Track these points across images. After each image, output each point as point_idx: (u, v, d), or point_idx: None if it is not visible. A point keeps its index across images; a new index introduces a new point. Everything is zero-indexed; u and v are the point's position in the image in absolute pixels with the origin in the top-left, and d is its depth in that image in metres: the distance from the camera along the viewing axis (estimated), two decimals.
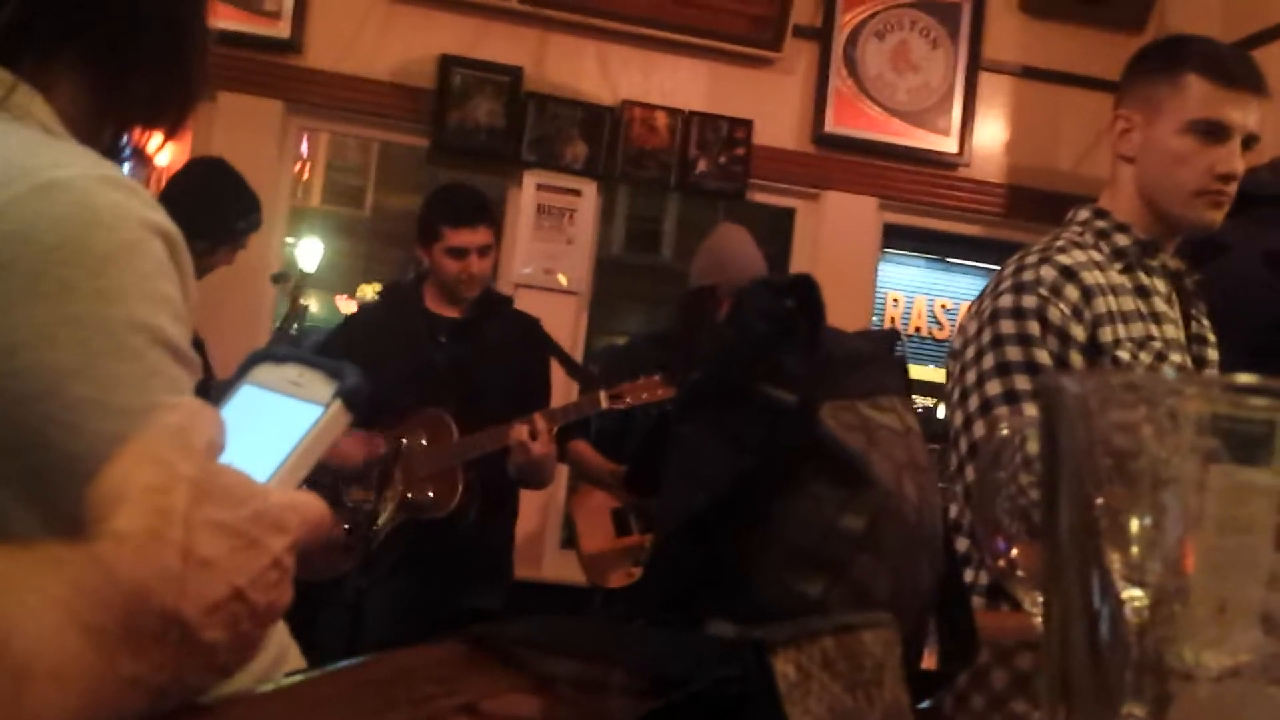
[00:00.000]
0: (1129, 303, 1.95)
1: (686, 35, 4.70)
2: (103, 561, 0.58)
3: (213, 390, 0.77)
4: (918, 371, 7.30)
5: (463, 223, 3.33)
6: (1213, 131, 1.96)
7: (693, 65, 4.80)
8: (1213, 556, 0.38)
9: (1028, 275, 1.93)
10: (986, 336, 1.92)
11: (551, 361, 3.54)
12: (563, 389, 3.68)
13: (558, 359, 3.53)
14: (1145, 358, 1.91)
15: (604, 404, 3.19)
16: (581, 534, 3.82)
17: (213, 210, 3.52)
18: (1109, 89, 4.90)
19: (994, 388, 1.88)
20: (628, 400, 3.18)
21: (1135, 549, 0.39)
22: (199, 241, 3.41)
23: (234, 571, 0.62)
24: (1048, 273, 1.92)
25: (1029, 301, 1.90)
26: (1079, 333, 1.89)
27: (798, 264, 4.93)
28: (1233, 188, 1.99)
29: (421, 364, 3.31)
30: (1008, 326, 1.90)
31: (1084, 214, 2.10)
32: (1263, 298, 3.34)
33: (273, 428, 0.72)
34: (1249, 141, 1.99)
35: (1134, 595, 0.38)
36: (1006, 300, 1.92)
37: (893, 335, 0.92)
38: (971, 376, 1.92)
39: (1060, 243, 2.00)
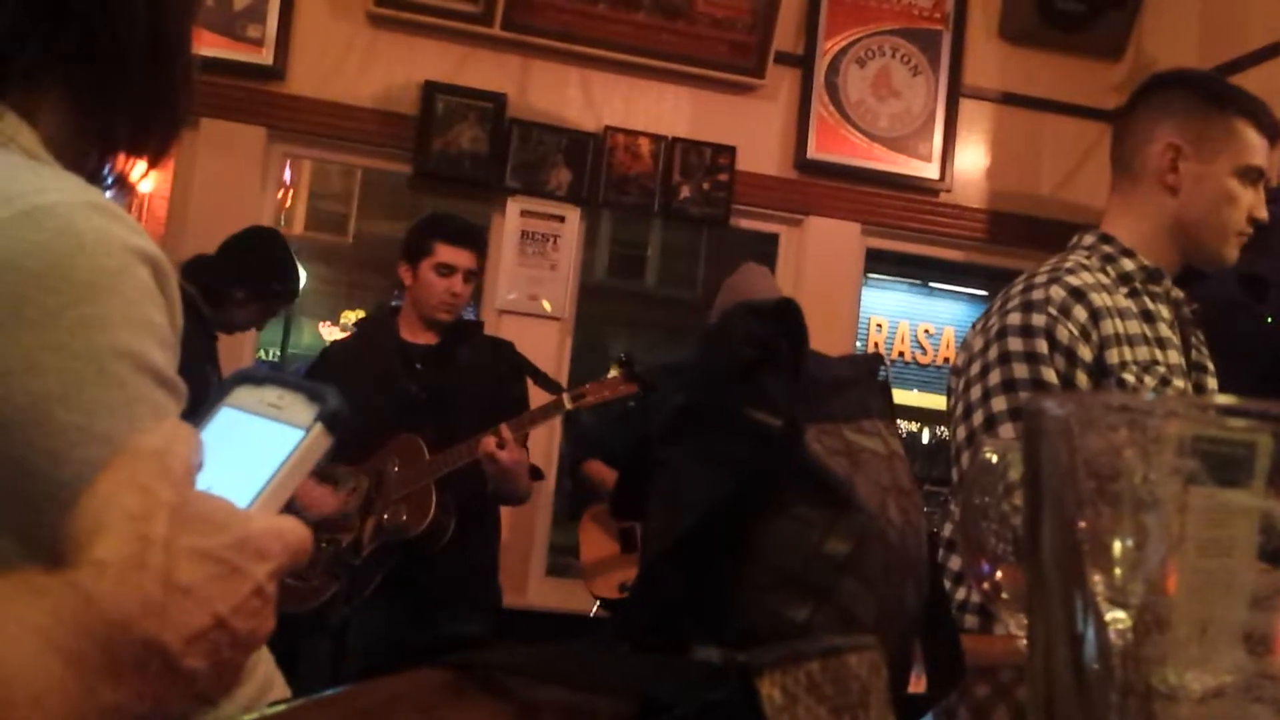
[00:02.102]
0: (1135, 326, 1.96)
1: (669, 62, 4.73)
2: (83, 590, 0.57)
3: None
4: (901, 396, 7.32)
5: (457, 241, 3.37)
6: (1257, 178, 2.02)
7: (676, 92, 4.82)
8: (1195, 578, 0.38)
9: (1037, 294, 1.93)
10: (993, 353, 1.92)
11: (529, 383, 3.54)
12: None
13: (530, 375, 3.54)
14: (1150, 381, 1.91)
15: (568, 405, 3.20)
16: (584, 543, 3.88)
17: (258, 265, 3.77)
18: (1088, 115, 4.96)
19: (999, 404, 1.88)
20: (590, 400, 3.19)
21: (1118, 571, 0.39)
22: (239, 290, 3.70)
23: (215, 599, 0.62)
24: (1057, 292, 1.92)
25: (1038, 320, 1.90)
26: (1086, 353, 1.89)
27: (781, 289, 4.94)
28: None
29: (398, 393, 3.32)
30: (1015, 344, 1.90)
31: (1089, 239, 2.10)
32: (1239, 320, 3.37)
33: (253, 451, 0.71)
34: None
35: (1117, 617, 0.39)
36: (1015, 318, 1.92)
37: (876, 359, 0.92)
38: (976, 392, 1.92)
39: (1068, 265, 2.00)
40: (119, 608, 0.58)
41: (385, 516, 3.18)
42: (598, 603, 4.03)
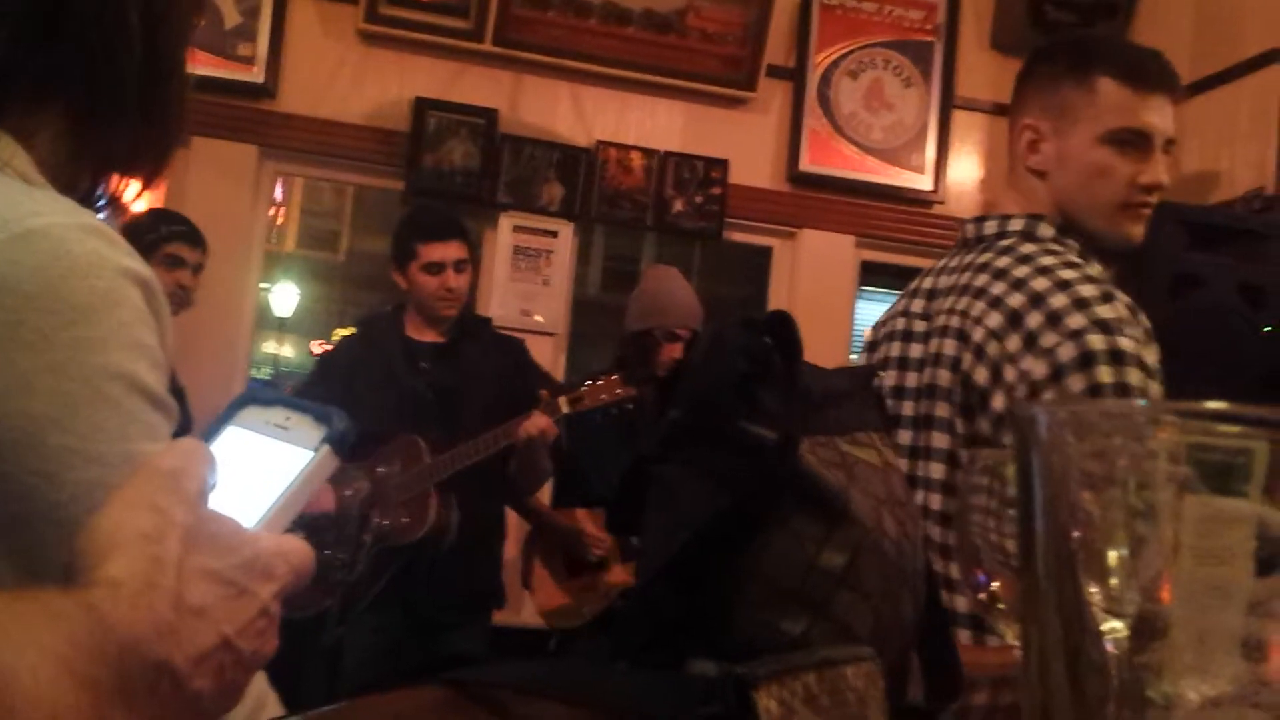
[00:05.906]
0: None
1: (660, 76, 4.73)
2: (97, 611, 0.57)
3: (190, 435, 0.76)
4: None
5: (436, 237, 3.36)
6: (1133, 141, 1.81)
7: (668, 106, 4.83)
8: (1190, 587, 0.38)
9: (1106, 312, 1.66)
10: (1078, 384, 1.63)
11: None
12: None
13: (536, 377, 3.53)
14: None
15: (565, 409, 3.19)
16: (534, 579, 3.76)
17: None
18: None
19: None
20: (587, 403, 3.19)
21: (1113, 580, 0.39)
22: None
23: (223, 620, 0.62)
24: (1124, 311, 1.68)
25: (1125, 345, 1.64)
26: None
27: (775, 302, 4.93)
28: (1155, 198, 1.85)
29: (404, 392, 3.30)
30: (1106, 375, 1.62)
31: (1046, 229, 1.86)
32: (1240, 328, 3.37)
33: (260, 471, 0.72)
34: (1167, 146, 1.84)
35: (1113, 627, 0.38)
36: (1097, 341, 1.63)
37: (871, 371, 0.92)
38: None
39: (1090, 272, 1.76)
40: (132, 630, 0.58)
41: (385, 521, 3.16)
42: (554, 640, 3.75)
